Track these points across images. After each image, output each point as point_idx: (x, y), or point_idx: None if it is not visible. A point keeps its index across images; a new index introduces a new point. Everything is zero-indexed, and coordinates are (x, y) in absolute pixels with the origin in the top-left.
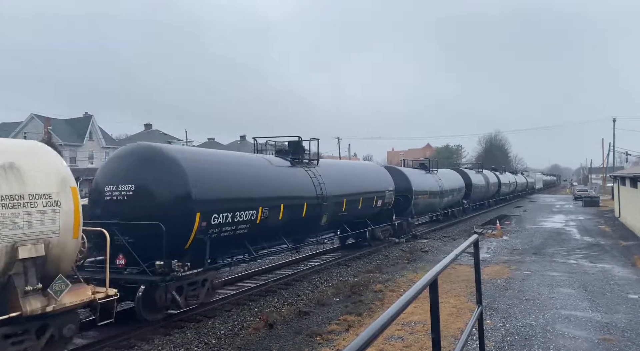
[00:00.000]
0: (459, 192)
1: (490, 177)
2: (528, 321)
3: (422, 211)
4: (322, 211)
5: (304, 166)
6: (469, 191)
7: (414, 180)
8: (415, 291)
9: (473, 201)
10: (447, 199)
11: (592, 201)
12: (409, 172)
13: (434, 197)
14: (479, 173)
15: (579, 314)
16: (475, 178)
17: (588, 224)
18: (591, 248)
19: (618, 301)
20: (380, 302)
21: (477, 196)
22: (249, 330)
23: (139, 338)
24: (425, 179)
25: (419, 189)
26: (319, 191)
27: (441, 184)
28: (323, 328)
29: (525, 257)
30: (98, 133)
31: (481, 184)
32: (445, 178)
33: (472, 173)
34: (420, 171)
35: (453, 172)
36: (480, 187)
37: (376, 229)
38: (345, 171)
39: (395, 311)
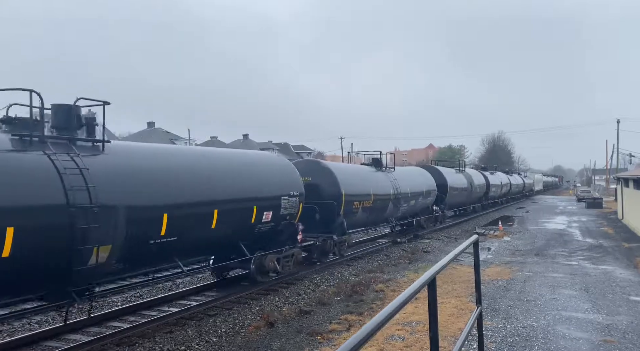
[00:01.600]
0: (427, 196)
1: (475, 177)
2: (529, 322)
3: (361, 222)
4: None
5: None
6: (443, 195)
7: (346, 180)
8: (413, 290)
9: (450, 206)
10: (408, 206)
11: (595, 202)
12: (339, 169)
13: (383, 203)
14: (459, 173)
15: (580, 315)
16: (453, 178)
17: (591, 225)
18: (593, 250)
19: (620, 302)
20: (381, 302)
21: (456, 200)
22: (250, 328)
23: (140, 335)
24: (369, 179)
25: (355, 192)
26: None
27: (397, 185)
28: (324, 328)
29: (527, 258)
30: (101, 131)
31: (461, 186)
32: (406, 178)
33: (450, 172)
34: (364, 169)
35: (420, 171)
36: (460, 189)
37: (266, 260)
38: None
39: (392, 309)
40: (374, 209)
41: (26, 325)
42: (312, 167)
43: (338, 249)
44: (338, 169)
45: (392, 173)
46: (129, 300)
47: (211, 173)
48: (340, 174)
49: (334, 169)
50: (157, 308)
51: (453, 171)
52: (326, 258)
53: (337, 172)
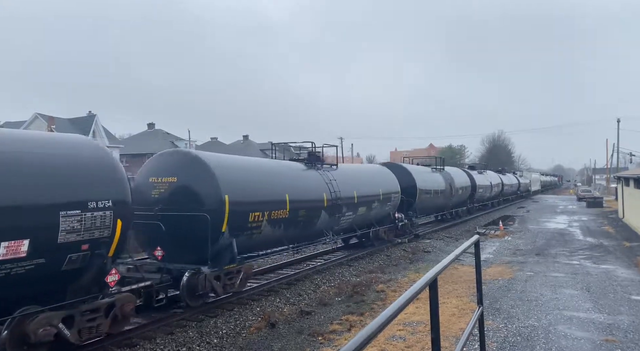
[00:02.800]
0: (387, 201)
1: (457, 177)
2: (530, 321)
3: (271, 241)
4: None
5: None
6: (411, 199)
7: (234, 181)
8: (415, 291)
9: (423, 212)
10: (354, 215)
11: (595, 201)
12: (223, 165)
13: (312, 212)
14: (436, 172)
15: (582, 315)
16: (426, 179)
17: (591, 225)
18: (594, 249)
19: (621, 302)
20: (382, 302)
21: (429, 204)
22: (251, 329)
23: (142, 337)
24: (282, 180)
25: (252, 198)
26: None
27: (335, 188)
28: (325, 328)
29: (528, 258)
30: (101, 132)
31: (437, 188)
32: (351, 179)
33: (422, 172)
34: (281, 165)
35: (379, 171)
36: (434, 192)
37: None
38: None
39: (394, 310)
40: (293, 221)
41: None
42: (180, 162)
43: (222, 286)
44: (221, 165)
45: (330, 172)
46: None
47: None
48: (224, 172)
49: (212, 164)
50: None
51: (427, 171)
52: (196, 302)
53: (219, 168)
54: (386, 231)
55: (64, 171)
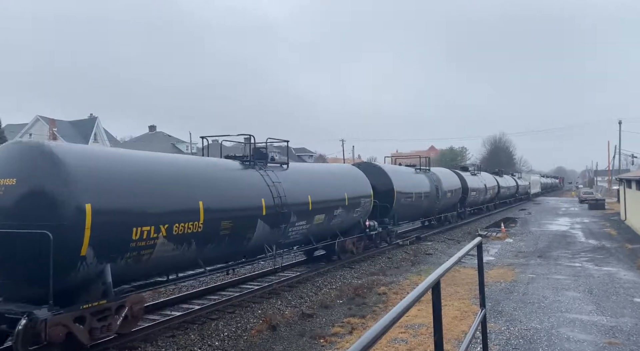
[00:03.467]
0: (354, 207)
1: (445, 180)
2: (533, 324)
3: (172, 263)
4: None
5: None
6: (387, 204)
7: (102, 182)
8: (418, 294)
9: (401, 217)
10: (308, 225)
11: (597, 203)
12: (85, 161)
13: (242, 222)
14: (420, 173)
15: (584, 317)
16: (407, 181)
17: (593, 227)
18: (597, 251)
19: (624, 304)
20: (384, 305)
21: (411, 210)
22: (252, 332)
23: (143, 339)
24: (196, 183)
25: (136, 207)
26: None
27: (280, 192)
28: (326, 331)
29: (530, 260)
30: (103, 135)
31: (421, 191)
32: (305, 181)
33: (403, 173)
34: (198, 163)
35: (347, 172)
36: (417, 195)
37: None
38: None
39: (397, 313)
40: (211, 236)
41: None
42: (22, 158)
43: (90, 331)
44: (86, 161)
45: (277, 172)
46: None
47: None
48: (89, 171)
49: (70, 160)
50: (160, 312)
51: (409, 172)
52: None
53: (81, 166)
54: (355, 242)
55: None
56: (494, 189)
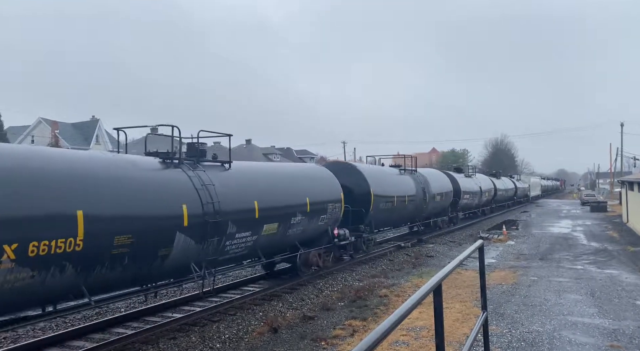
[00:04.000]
0: (319, 213)
1: (433, 182)
2: (534, 327)
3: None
4: None
5: None
6: (363, 209)
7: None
8: (420, 297)
9: (380, 223)
10: (253, 237)
11: (599, 206)
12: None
13: (150, 236)
14: (404, 175)
15: (586, 320)
16: (386, 183)
17: (595, 229)
18: (598, 254)
19: (626, 307)
20: (386, 307)
21: (390, 216)
22: (254, 334)
23: (144, 341)
24: (74, 186)
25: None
26: None
27: (211, 198)
28: (328, 333)
29: (532, 262)
30: (104, 137)
31: (403, 194)
32: (246, 184)
33: (382, 174)
34: (136, 161)
35: (313, 173)
36: (398, 199)
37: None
38: None
39: (399, 316)
40: (99, 256)
41: (30, 331)
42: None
43: None
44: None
45: (212, 173)
46: (132, 306)
47: None
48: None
49: None
50: (161, 314)
51: (392, 173)
52: None
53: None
54: (322, 254)
55: None
56: (490, 192)
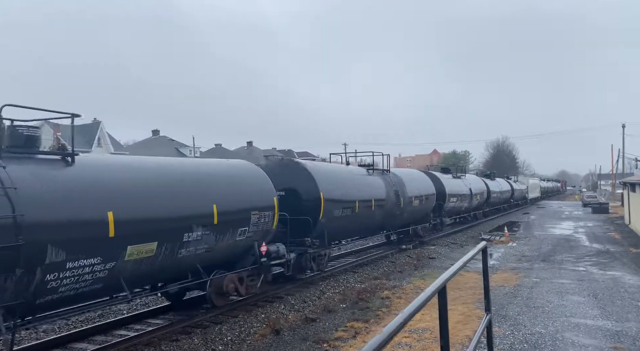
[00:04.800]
0: (234, 226)
1: (408, 182)
2: (537, 329)
3: None
4: None
5: None
6: (310, 217)
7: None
8: (424, 299)
9: (335, 233)
10: (92, 272)
11: (601, 207)
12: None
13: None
14: (373, 175)
15: (589, 322)
16: (332, 185)
17: (597, 231)
18: (601, 255)
19: (629, 309)
20: (388, 309)
21: (345, 224)
22: (256, 336)
23: (146, 344)
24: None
25: None
26: None
27: (17, 208)
28: (330, 335)
29: (534, 264)
30: (106, 139)
31: (365, 198)
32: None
33: (329, 172)
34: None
35: (238, 173)
36: (364, 204)
37: None
38: None
39: (404, 318)
40: None
41: (32, 333)
42: None
43: None
44: None
45: (33, 171)
46: (135, 308)
47: None
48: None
49: None
50: (162, 316)
51: (358, 173)
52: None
53: None
54: (243, 279)
55: None
56: (482, 194)
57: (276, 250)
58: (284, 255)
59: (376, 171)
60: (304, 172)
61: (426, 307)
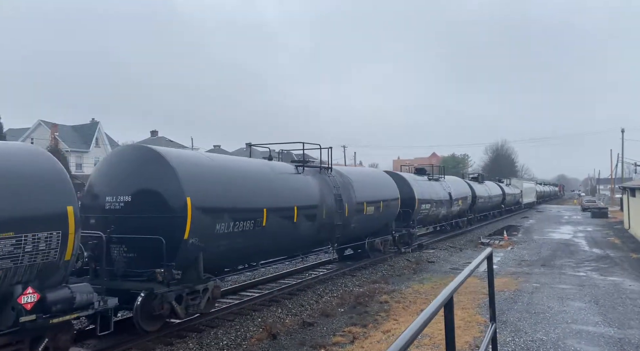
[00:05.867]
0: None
1: (358, 183)
2: (538, 335)
3: None
4: None
5: None
6: (179, 241)
7: None
8: (430, 312)
9: (224, 260)
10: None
11: (600, 212)
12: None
13: None
14: (303, 175)
15: (591, 329)
16: (202, 184)
17: (597, 235)
18: (601, 261)
19: (631, 315)
20: (386, 313)
21: (230, 248)
22: (252, 340)
23: (141, 348)
24: None
25: None
26: None
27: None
28: (327, 340)
29: (534, 269)
30: (104, 139)
31: (279, 207)
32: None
33: (197, 169)
34: None
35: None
36: (267, 215)
37: None
38: None
39: (410, 335)
40: None
41: None
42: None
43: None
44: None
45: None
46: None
47: None
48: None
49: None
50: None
51: (280, 171)
52: None
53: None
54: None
55: None
56: (465, 199)
57: (67, 297)
58: (87, 303)
59: (310, 169)
60: (158, 164)
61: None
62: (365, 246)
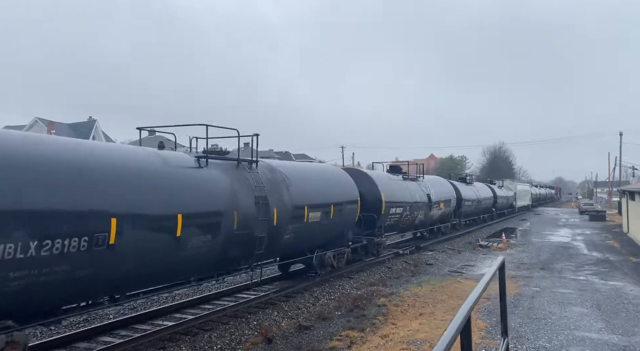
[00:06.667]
0: None
1: (296, 180)
2: (541, 342)
3: None
4: None
5: None
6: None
7: None
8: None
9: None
10: None
11: (598, 215)
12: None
13: None
14: (204, 167)
15: (594, 336)
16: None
17: (595, 239)
18: (600, 264)
19: (635, 322)
20: (384, 317)
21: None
22: (247, 344)
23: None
24: None
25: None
26: None
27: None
28: (324, 344)
29: (533, 272)
30: (101, 137)
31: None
32: None
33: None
34: None
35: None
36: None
37: None
38: None
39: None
40: None
41: None
42: None
43: None
44: None
45: None
46: (122, 313)
47: None
48: None
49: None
50: (151, 322)
51: (181, 165)
52: None
53: None
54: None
55: None
56: (449, 202)
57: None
58: None
59: (220, 163)
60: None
61: (424, 316)
62: (313, 260)
